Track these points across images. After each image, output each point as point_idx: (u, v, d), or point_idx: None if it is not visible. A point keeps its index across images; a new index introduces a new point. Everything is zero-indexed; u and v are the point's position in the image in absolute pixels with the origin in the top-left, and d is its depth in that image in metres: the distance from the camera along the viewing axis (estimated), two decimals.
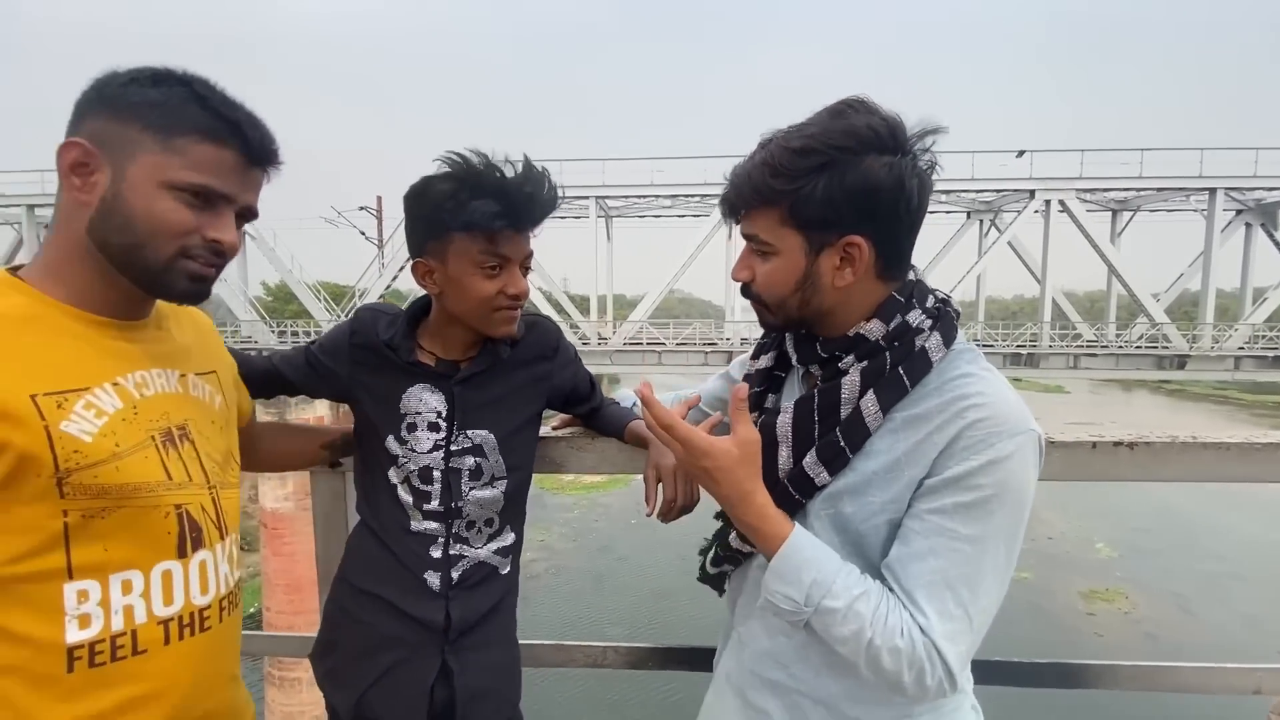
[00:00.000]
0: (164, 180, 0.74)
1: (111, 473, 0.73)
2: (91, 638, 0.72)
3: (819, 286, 0.83)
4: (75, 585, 0.71)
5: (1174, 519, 19.67)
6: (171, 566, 0.78)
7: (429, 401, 1.03)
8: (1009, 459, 0.77)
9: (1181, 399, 44.20)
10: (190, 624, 0.79)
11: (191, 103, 0.74)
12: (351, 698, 1.01)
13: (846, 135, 0.77)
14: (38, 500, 0.69)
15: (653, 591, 15.45)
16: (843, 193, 0.77)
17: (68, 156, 0.73)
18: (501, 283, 0.97)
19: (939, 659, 0.76)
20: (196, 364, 0.89)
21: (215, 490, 0.85)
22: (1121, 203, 23.49)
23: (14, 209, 24.20)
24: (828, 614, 0.78)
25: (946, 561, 0.77)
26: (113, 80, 0.74)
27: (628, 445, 1.17)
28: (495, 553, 1.06)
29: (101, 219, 0.74)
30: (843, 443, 0.83)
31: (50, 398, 0.70)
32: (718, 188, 0.86)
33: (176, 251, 0.76)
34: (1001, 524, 0.78)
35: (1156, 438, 1.09)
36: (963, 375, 0.82)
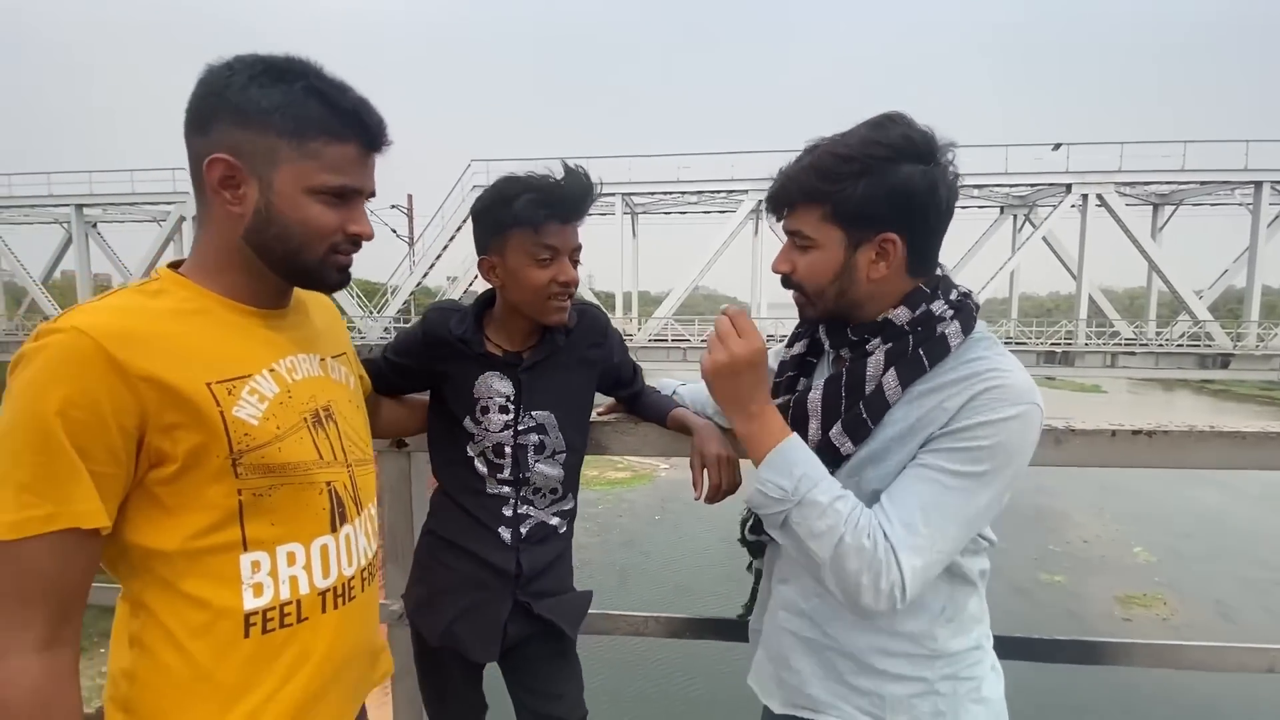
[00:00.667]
0: (308, 186, 0.79)
1: (275, 453, 0.79)
2: (264, 605, 0.79)
3: (855, 278, 0.92)
4: (250, 556, 0.78)
5: (1218, 524, 19.03)
6: (327, 541, 0.85)
7: (498, 387, 1.16)
8: (1009, 420, 0.85)
9: (1225, 400, 42.61)
10: (341, 594, 0.87)
11: (313, 99, 0.77)
12: (439, 626, 1.18)
13: (886, 144, 0.87)
14: (216, 480, 0.76)
15: (675, 587, 15.52)
16: (882, 194, 0.87)
17: (215, 172, 0.77)
18: (553, 272, 1.10)
19: (895, 565, 0.83)
20: (331, 347, 0.96)
21: (353, 468, 0.92)
22: (1163, 196, 22.76)
23: (63, 208, 25.26)
24: (810, 506, 0.87)
25: (926, 489, 0.86)
26: (232, 82, 0.76)
27: (669, 430, 1.27)
28: (555, 515, 1.21)
29: (257, 229, 0.80)
30: (865, 415, 0.92)
31: (222, 385, 0.76)
32: (743, 183, 0.92)
33: (327, 249, 0.83)
34: (987, 475, 0.85)
35: (1174, 426, 1.14)
36: (977, 357, 0.90)
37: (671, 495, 21.82)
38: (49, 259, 27.30)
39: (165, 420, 0.73)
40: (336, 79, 0.80)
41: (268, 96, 0.76)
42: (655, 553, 17.36)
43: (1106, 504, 19.95)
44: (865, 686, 0.96)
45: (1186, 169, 20.26)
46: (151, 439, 0.73)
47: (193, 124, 0.79)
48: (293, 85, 0.77)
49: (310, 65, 0.79)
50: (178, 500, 0.76)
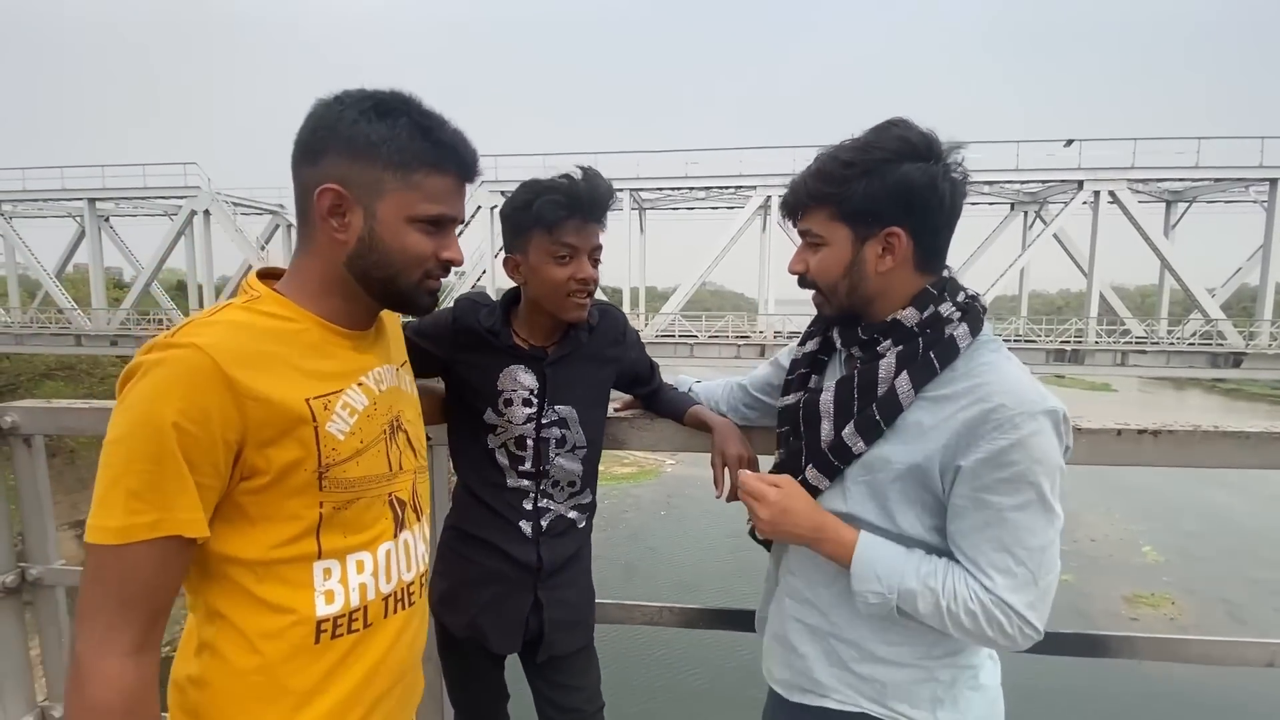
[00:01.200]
0: (409, 215, 0.83)
1: (354, 467, 0.83)
2: (335, 612, 0.82)
3: (864, 272, 0.97)
4: (322, 564, 0.82)
5: (1227, 524, 18.90)
6: (390, 546, 0.88)
7: (523, 380, 1.21)
8: (1033, 436, 0.88)
9: (1237, 399, 42.20)
10: (401, 599, 0.90)
11: (417, 134, 0.82)
12: (464, 618, 1.23)
13: (885, 145, 0.93)
14: (302, 492, 0.79)
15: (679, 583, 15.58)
16: (883, 191, 0.92)
17: (325, 202, 0.81)
18: (571, 270, 1.14)
19: (1010, 610, 0.88)
20: (399, 357, 1.00)
21: (416, 475, 0.96)
22: (1176, 194, 22.51)
23: (76, 202, 25.49)
24: (908, 596, 0.91)
25: (998, 530, 0.89)
26: (344, 117, 0.81)
27: (685, 427, 1.31)
28: (574, 509, 1.25)
29: (360, 256, 0.84)
30: (878, 416, 0.96)
31: (319, 400, 0.80)
32: (751, 179, 0.95)
33: (422, 275, 0.87)
34: (1038, 490, 0.88)
35: (1179, 426, 1.16)
36: (984, 363, 0.94)
37: (677, 490, 21.87)
38: (62, 252, 27.56)
39: (264, 436, 0.76)
40: (435, 113, 0.85)
41: (375, 131, 0.80)
42: (661, 548, 17.44)
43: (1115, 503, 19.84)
44: (867, 673, 1.00)
45: (1201, 165, 20.03)
46: (248, 454, 0.76)
47: (304, 155, 0.83)
48: (398, 120, 0.81)
49: (412, 100, 0.84)
50: (262, 510, 0.79)
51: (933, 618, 0.91)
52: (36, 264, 25.20)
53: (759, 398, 1.30)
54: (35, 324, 24.52)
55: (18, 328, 24.19)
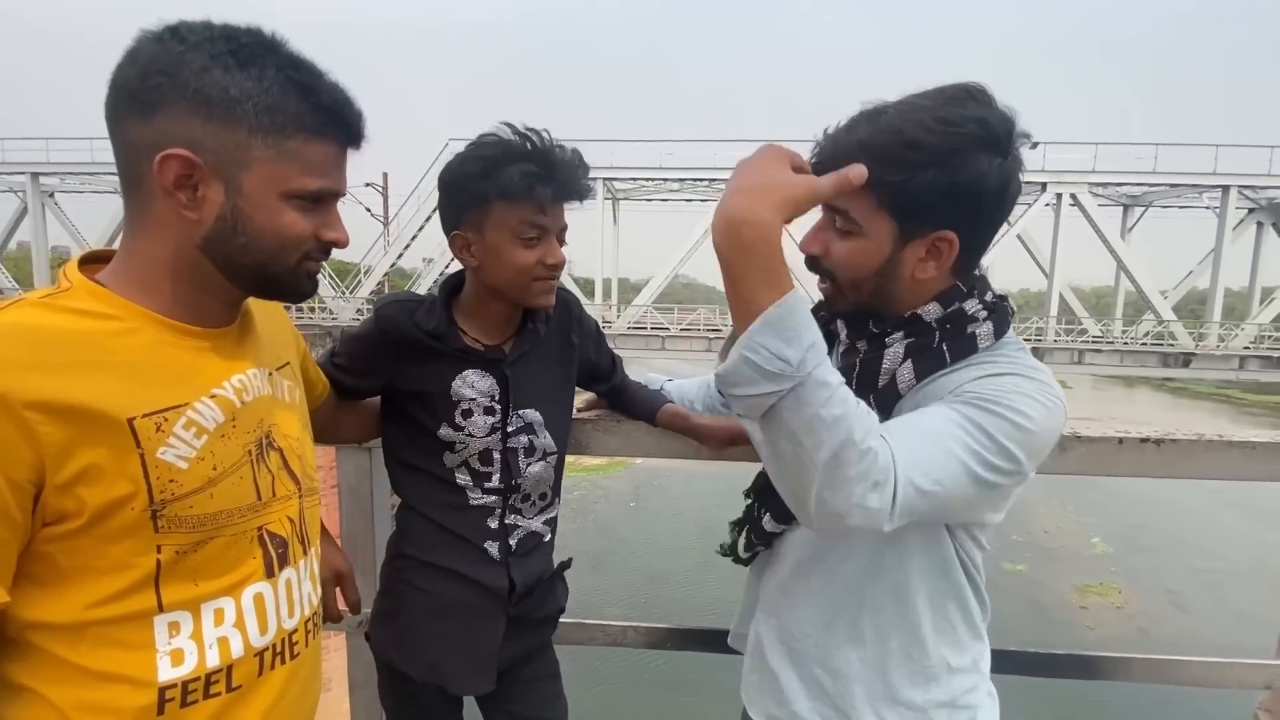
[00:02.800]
0: (285, 190, 0.68)
1: (205, 501, 0.67)
2: (186, 675, 0.66)
3: (898, 274, 0.81)
4: (166, 618, 0.66)
5: (1171, 516, 19.75)
6: (262, 589, 0.72)
7: (480, 386, 1.03)
8: (1028, 381, 0.77)
9: (1182, 397, 44.11)
10: (281, 652, 0.74)
11: (292, 92, 0.66)
12: (424, 660, 1.05)
13: (964, 126, 0.74)
14: (130, 535, 0.63)
15: (649, 575, 15.60)
16: (949, 189, 0.75)
17: (169, 171, 0.64)
18: (540, 252, 0.97)
19: (894, 479, 0.67)
20: (275, 357, 0.83)
21: (303, 499, 0.80)
22: (1134, 198, 23.29)
23: (18, 176, 24.13)
24: (820, 387, 0.65)
25: (931, 421, 0.73)
26: (187, 61, 0.63)
27: (655, 429, 1.18)
28: (544, 523, 1.11)
29: (221, 238, 0.68)
30: (874, 408, 0.82)
31: (149, 419, 0.64)
32: (726, 171, 0.85)
33: (300, 258, 0.72)
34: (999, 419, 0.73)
35: (1183, 435, 1.09)
36: (1004, 357, 0.83)
37: (647, 482, 21.87)
38: (3, 230, 26.08)
39: (69, 469, 0.59)
40: (308, 61, 0.68)
41: (236, 83, 0.64)
42: (630, 539, 17.42)
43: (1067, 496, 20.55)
44: (854, 714, 0.89)
45: (1157, 171, 20.72)
46: (50, 495, 0.60)
47: (130, 108, 0.64)
48: (264, 70, 0.65)
49: (277, 42, 0.67)
50: (76, 560, 0.62)
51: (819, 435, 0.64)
52: None
53: None
54: None
55: None
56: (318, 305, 22.10)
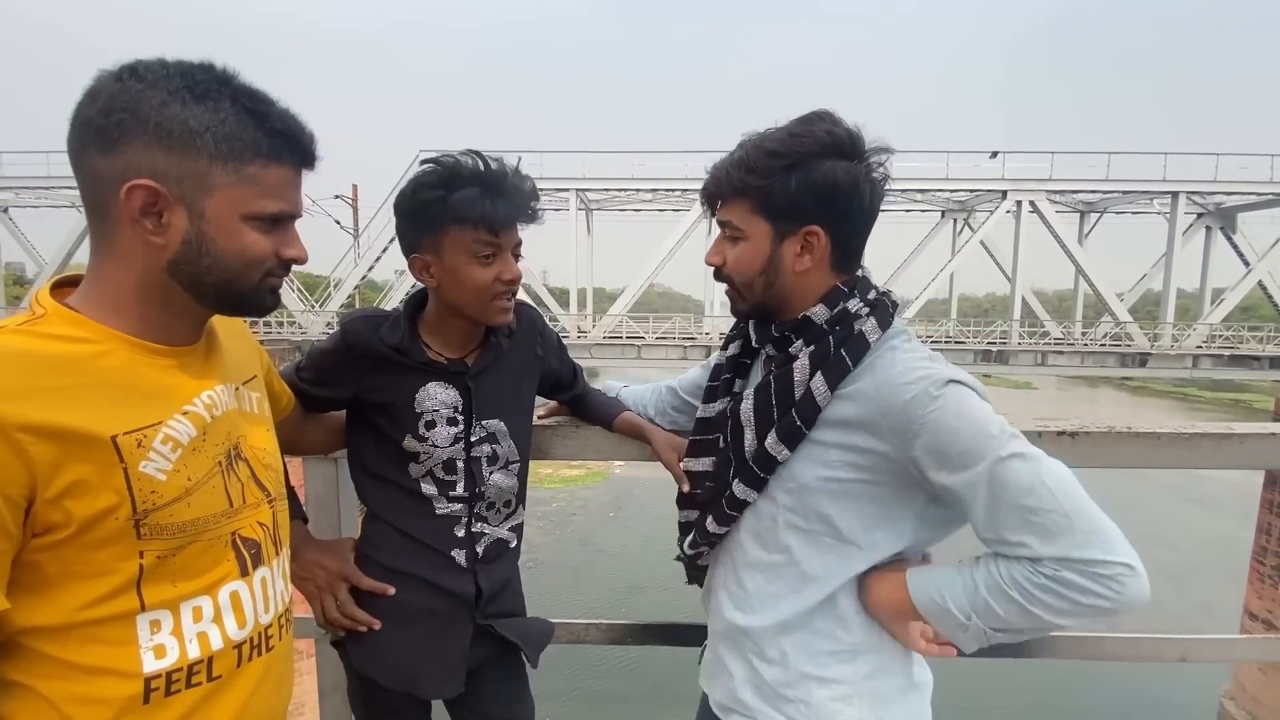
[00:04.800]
0: (245, 213, 0.73)
1: (183, 509, 0.72)
2: (168, 667, 0.71)
3: (781, 270, 0.94)
4: (148, 616, 0.70)
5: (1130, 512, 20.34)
6: (237, 587, 0.77)
7: (443, 398, 1.07)
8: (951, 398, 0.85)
9: (1143, 395, 45.63)
10: (258, 645, 0.79)
11: (247, 120, 0.71)
12: (392, 666, 1.08)
13: (812, 140, 0.89)
14: (114, 542, 0.67)
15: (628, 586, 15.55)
16: (806, 188, 0.89)
17: (135, 200, 0.69)
18: (496, 270, 1.02)
19: (1068, 564, 0.79)
20: (241, 372, 0.88)
21: (275, 503, 0.85)
22: (1089, 204, 24.14)
23: None
24: (984, 613, 0.84)
25: (993, 499, 0.82)
26: (146, 98, 0.67)
27: (613, 434, 1.24)
28: (510, 530, 1.15)
29: (186, 260, 0.72)
30: (798, 422, 0.92)
31: (130, 436, 0.68)
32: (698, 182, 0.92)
33: (262, 275, 0.77)
34: (989, 441, 0.83)
35: (1096, 428, 1.18)
36: (891, 349, 0.92)
37: (625, 492, 21.85)
38: None
39: (57, 484, 0.64)
40: (260, 91, 0.74)
41: (195, 116, 0.69)
42: (610, 550, 17.38)
43: None
44: (791, 694, 0.96)
45: (1111, 179, 21.53)
46: (40, 509, 0.64)
47: (94, 141, 0.69)
48: (219, 102, 0.70)
49: (230, 75, 0.72)
50: (63, 568, 0.66)
51: (1022, 619, 0.82)
52: None
53: (689, 401, 1.25)
54: None
55: None
56: (286, 320, 21.70)
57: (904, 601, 0.90)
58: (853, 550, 0.94)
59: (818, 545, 0.94)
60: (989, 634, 0.86)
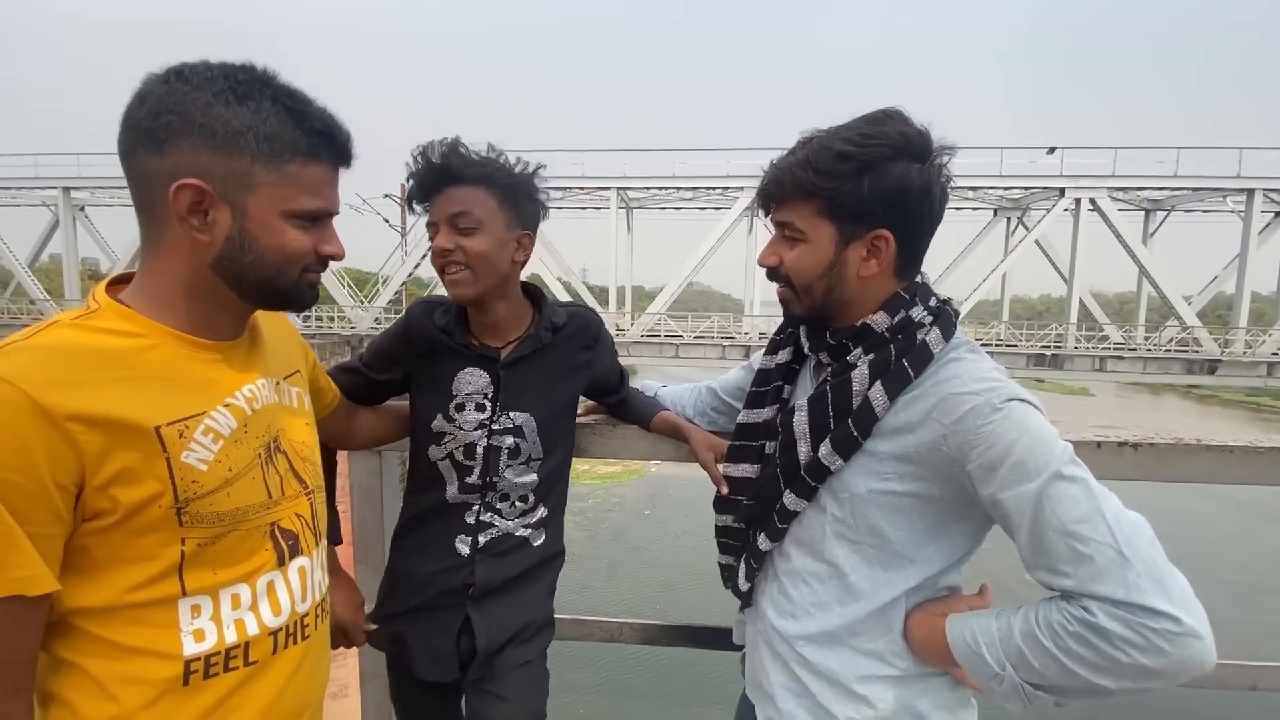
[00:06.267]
0: (285, 211, 0.75)
1: (223, 499, 0.74)
2: (207, 650, 0.73)
3: (844, 275, 0.90)
4: (189, 601, 0.73)
5: (1198, 528, 19.24)
6: (273, 577, 0.80)
7: (476, 382, 1.12)
8: (1014, 412, 0.80)
9: (1211, 405, 43.05)
10: (294, 633, 0.81)
11: (287, 119, 0.73)
12: (394, 639, 1.14)
13: (884, 141, 0.85)
14: (157, 529, 0.70)
15: (662, 583, 15.55)
16: (878, 191, 0.85)
17: (182, 200, 0.71)
18: (434, 244, 1.07)
19: (1114, 607, 0.71)
20: (283, 366, 0.90)
21: (313, 495, 0.87)
22: (1155, 202, 22.92)
23: (51, 190, 24.88)
24: (1020, 659, 0.78)
25: (1042, 522, 0.76)
26: (193, 99, 0.70)
27: (650, 434, 1.24)
28: (526, 526, 1.15)
29: (230, 257, 0.75)
30: (855, 432, 0.89)
31: (173, 427, 0.70)
32: (739, 179, 0.91)
33: (301, 271, 0.79)
34: (1048, 458, 0.77)
35: (1160, 439, 1.12)
36: (954, 361, 0.88)
37: (661, 490, 21.84)
38: (36, 242, 26.89)
39: (105, 472, 0.66)
40: (300, 91, 0.76)
41: (238, 116, 0.71)
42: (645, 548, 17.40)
43: None
44: (838, 711, 0.93)
45: (1180, 175, 20.38)
46: (89, 496, 0.66)
47: (143, 142, 0.71)
48: (261, 102, 0.72)
49: (270, 76, 0.74)
50: (110, 552, 0.69)
51: (1058, 673, 0.75)
52: (9, 254, 24.58)
53: (729, 402, 1.23)
54: (6, 314, 23.91)
55: None
56: (337, 315, 22.47)
57: (943, 646, 0.86)
58: (904, 564, 0.90)
59: (866, 558, 0.91)
60: (1025, 690, 0.79)
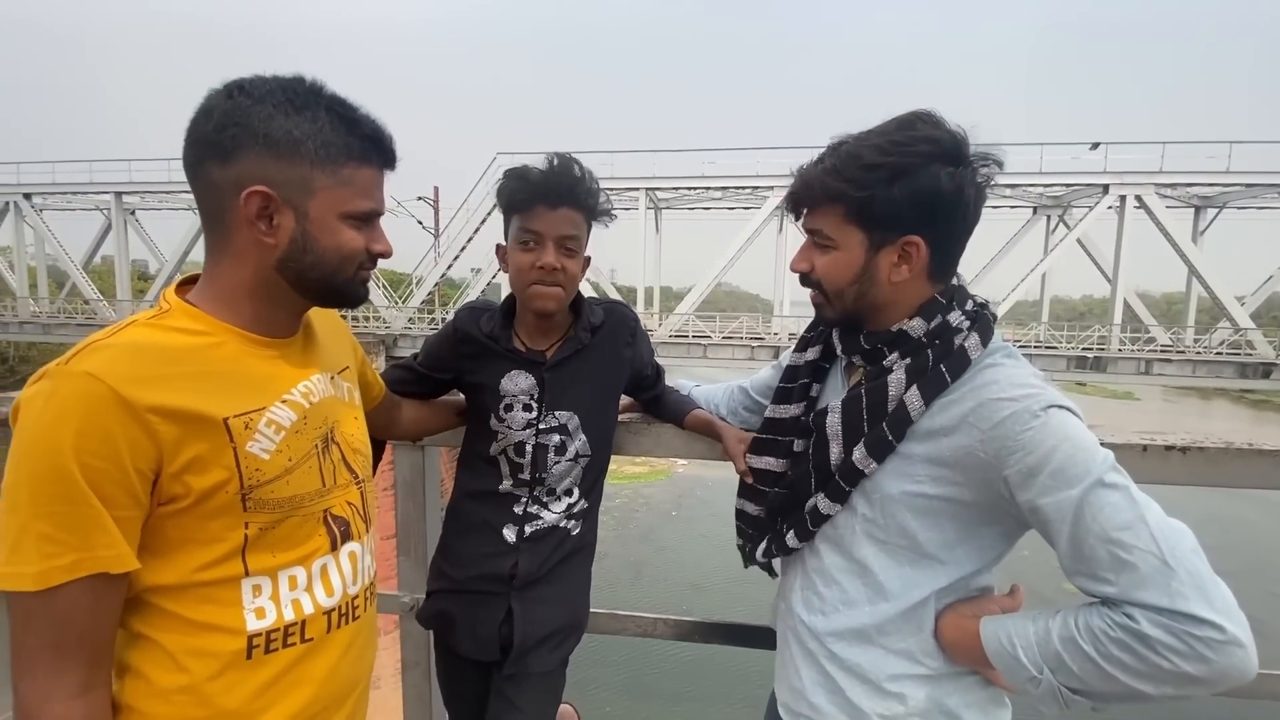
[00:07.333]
0: (342, 212, 0.81)
1: (283, 487, 0.79)
2: (267, 627, 0.79)
3: (875, 280, 0.90)
4: (251, 580, 0.78)
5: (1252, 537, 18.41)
6: (326, 560, 0.85)
7: (522, 384, 1.17)
8: (1052, 419, 0.80)
9: (1266, 410, 41.11)
10: (346, 613, 0.87)
11: (340, 127, 0.79)
12: (444, 621, 1.21)
13: (915, 145, 0.84)
14: (224, 514, 0.76)
15: (689, 583, 15.52)
16: (908, 197, 0.85)
17: (252, 206, 0.77)
18: (533, 257, 1.10)
19: (1152, 614, 0.71)
20: (335, 362, 0.95)
21: (363, 485, 0.92)
22: (1206, 199, 21.96)
23: (104, 195, 25.98)
24: (1059, 663, 0.78)
25: (1083, 528, 0.76)
26: (255, 112, 0.75)
27: (684, 431, 1.26)
28: (568, 517, 1.20)
29: (293, 258, 0.80)
30: (889, 435, 0.89)
31: (239, 419, 0.76)
32: (768, 179, 0.91)
33: (356, 269, 0.85)
34: (1090, 465, 0.77)
35: (1210, 442, 1.09)
36: (992, 366, 0.88)
37: (688, 491, 21.81)
38: (90, 244, 28.11)
39: (180, 460, 0.72)
40: (349, 100, 0.81)
41: (297, 125, 0.77)
42: (671, 548, 17.42)
43: None
44: (868, 708, 0.93)
45: (1232, 170, 19.51)
46: (165, 482, 0.72)
47: (210, 154, 0.77)
48: (316, 112, 0.78)
49: (320, 86, 0.80)
50: (182, 533, 0.75)
51: (1098, 678, 0.75)
52: (65, 255, 25.73)
53: (760, 401, 1.25)
54: (63, 314, 25.05)
55: (45, 317, 24.75)
56: (373, 315, 22.99)
57: (975, 649, 0.86)
58: (933, 564, 0.91)
59: (896, 558, 0.92)
60: (1063, 694, 0.79)
